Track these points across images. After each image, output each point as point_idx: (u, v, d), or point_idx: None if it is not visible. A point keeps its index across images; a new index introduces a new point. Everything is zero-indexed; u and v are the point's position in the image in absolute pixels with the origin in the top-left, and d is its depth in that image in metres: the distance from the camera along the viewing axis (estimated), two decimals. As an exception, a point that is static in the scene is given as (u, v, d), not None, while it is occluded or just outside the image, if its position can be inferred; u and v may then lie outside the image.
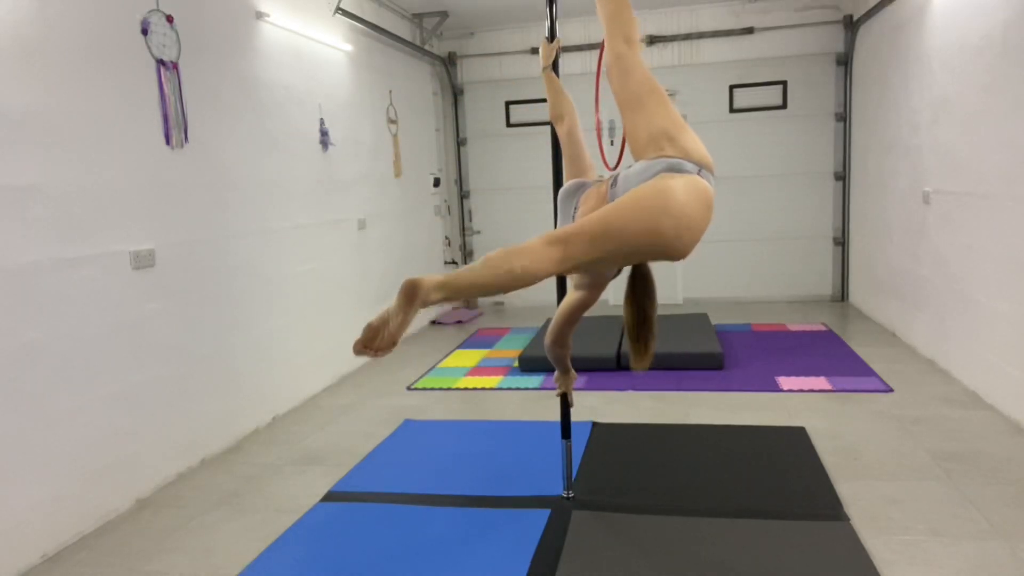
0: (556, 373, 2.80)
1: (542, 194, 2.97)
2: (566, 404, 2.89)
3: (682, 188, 1.70)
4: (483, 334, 6.33)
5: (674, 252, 1.74)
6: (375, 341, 1.61)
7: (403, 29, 6.37)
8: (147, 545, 2.81)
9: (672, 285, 7.28)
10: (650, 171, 1.76)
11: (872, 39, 5.97)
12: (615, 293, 8.33)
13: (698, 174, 1.76)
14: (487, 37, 7.31)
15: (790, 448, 3.38)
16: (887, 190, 5.60)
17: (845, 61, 6.58)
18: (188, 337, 3.52)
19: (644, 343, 2.07)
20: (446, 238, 7.52)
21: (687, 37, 6.89)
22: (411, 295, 1.61)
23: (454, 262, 7.62)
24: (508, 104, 7.42)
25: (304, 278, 4.62)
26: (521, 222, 7.36)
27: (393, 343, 1.63)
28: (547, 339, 2.64)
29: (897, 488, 2.94)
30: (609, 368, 4.81)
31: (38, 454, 2.72)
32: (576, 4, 6.30)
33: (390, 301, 1.61)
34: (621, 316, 2.12)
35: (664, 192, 1.69)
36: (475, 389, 4.70)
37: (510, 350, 5.58)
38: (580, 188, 2.27)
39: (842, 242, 6.90)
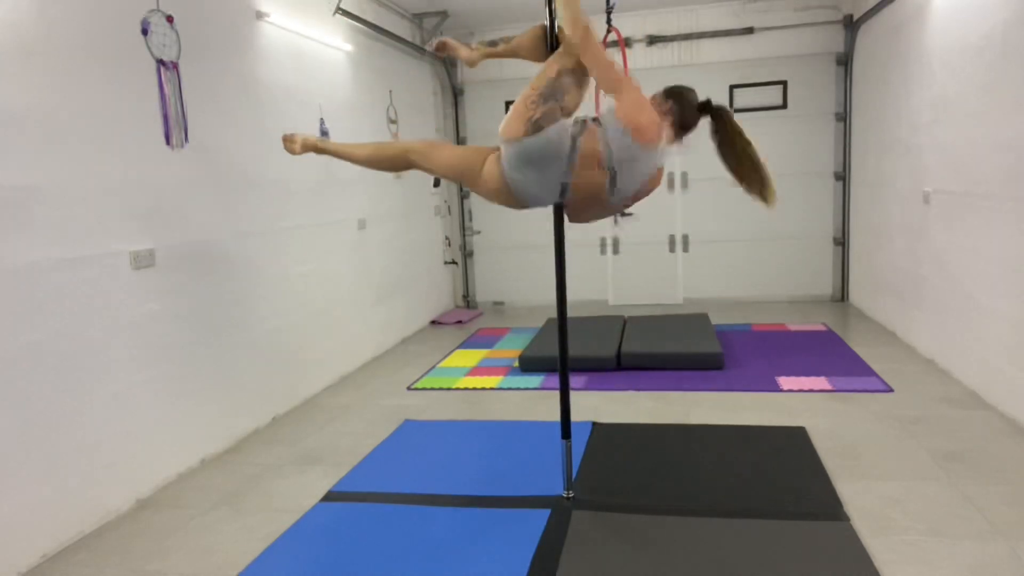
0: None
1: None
2: (566, 404, 2.89)
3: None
4: (483, 334, 6.33)
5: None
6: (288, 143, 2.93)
7: (403, 29, 6.37)
8: (147, 545, 2.81)
9: (672, 285, 7.28)
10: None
11: (872, 39, 5.97)
12: (615, 293, 8.29)
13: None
14: (487, 37, 7.29)
15: (790, 448, 3.39)
16: (887, 190, 5.60)
17: (845, 61, 6.58)
18: (188, 337, 3.52)
19: (761, 178, 2.35)
20: (446, 238, 7.52)
21: (687, 37, 6.88)
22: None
23: (454, 262, 7.62)
24: (508, 104, 7.38)
25: (304, 278, 4.62)
26: (521, 222, 7.31)
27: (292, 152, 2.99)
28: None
29: (897, 488, 2.94)
30: (609, 368, 4.81)
31: (38, 454, 2.72)
32: (576, 4, 6.29)
33: (390, 301, 1.62)
34: (621, 316, 2.13)
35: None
36: (475, 389, 4.70)
37: (510, 350, 5.58)
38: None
39: (842, 242, 6.90)
